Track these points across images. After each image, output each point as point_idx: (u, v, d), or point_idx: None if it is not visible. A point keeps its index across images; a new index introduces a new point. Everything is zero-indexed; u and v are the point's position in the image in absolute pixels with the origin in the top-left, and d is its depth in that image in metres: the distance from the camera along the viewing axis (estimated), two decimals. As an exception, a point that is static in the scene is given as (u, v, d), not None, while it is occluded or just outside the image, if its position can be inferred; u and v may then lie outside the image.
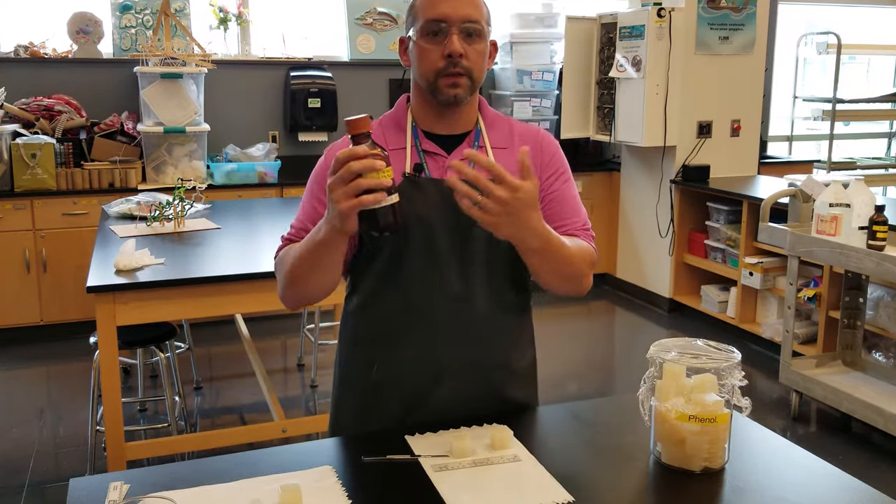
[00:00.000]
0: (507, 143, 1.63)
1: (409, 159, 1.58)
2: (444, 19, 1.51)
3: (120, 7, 5.10)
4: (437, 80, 1.53)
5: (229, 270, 2.79)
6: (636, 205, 5.63)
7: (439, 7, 1.52)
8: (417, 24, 1.55)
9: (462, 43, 1.51)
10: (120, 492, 1.32)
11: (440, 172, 1.58)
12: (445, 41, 1.51)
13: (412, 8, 1.59)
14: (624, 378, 4.43)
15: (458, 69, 1.51)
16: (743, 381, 1.38)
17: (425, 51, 1.53)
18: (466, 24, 1.51)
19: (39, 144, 4.63)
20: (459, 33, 1.51)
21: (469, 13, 1.52)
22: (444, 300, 1.57)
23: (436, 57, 1.52)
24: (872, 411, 3.36)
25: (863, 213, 3.34)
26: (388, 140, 1.60)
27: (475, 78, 1.55)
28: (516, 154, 1.49)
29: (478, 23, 1.53)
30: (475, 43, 1.53)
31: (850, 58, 7.49)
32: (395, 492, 1.35)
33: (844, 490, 1.37)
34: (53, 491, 3.11)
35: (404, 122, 1.62)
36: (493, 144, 1.61)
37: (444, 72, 1.52)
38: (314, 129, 5.41)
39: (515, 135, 1.65)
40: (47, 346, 4.67)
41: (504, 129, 1.65)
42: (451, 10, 1.51)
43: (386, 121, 1.65)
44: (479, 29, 1.53)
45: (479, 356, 1.61)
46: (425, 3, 1.54)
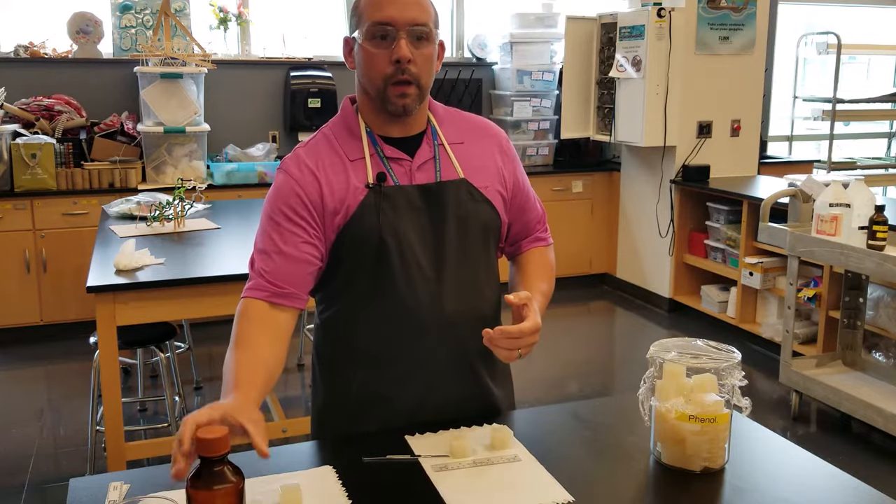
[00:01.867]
0: (462, 136, 1.62)
1: (370, 169, 1.52)
2: (391, 22, 1.45)
3: (120, 7, 5.09)
4: (385, 89, 1.48)
5: (229, 270, 2.79)
6: (636, 205, 5.63)
7: (385, 9, 1.46)
8: (363, 27, 1.48)
9: (410, 47, 1.46)
10: (120, 492, 1.32)
11: (407, 178, 1.54)
12: (393, 46, 1.46)
13: (356, 8, 1.52)
14: (624, 378, 4.43)
15: (406, 76, 1.47)
16: (743, 381, 1.38)
17: (372, 55, 1.48)
18: (414, 27, 1.46)
19: (39, 144, 4.63)
20: (407, 37, 1.46)
21: (416, 16, 1.47)
22: (423, 308, 1.53)
23: (383, 63, 1.47)
24: (872, 411, 3.36)
25: (863, 213, 3.34)
26: (346, 150, 1.54)
27: (423, 84, 1.51)
28: (474, 149, 1.61)
29: (426, 25, 1.47)
30: (423, 47, 1.48)
31: (850, 58, 7.49)
32: (395, 492, 1.35)
33: (844, 490, 1.37)
34: (53, 491, 3.11)
35: (357, 128, 1.56)
36: (449, 140, 1.60)
37: (393, 79, 1.47)
38: (314, 129, 5.38)
39: (464, 128, 1.64)
40: (47, 346, 4.67)
41: (456, 124, 1.64)
42: (397, 12, 1.45)
43: (336, 129, 1.58)
44: (427, 32, 1.48)
45: (461, 358, 1.60)
46: (370, 4, 1.48)
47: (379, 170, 1.53)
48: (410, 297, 1.53)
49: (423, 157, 1.56)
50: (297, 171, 1.52)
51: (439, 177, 1.56)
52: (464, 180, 1.57)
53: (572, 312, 5.50)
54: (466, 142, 1.62)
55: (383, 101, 1.50)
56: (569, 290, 5.66)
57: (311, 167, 1.52)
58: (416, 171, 1.55)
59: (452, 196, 1.55)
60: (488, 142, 1.65)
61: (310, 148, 1.56)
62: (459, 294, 1.57)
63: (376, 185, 1.51)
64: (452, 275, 1.56)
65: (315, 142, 1.57)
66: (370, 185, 1.51)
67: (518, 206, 1.67)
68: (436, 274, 1.54)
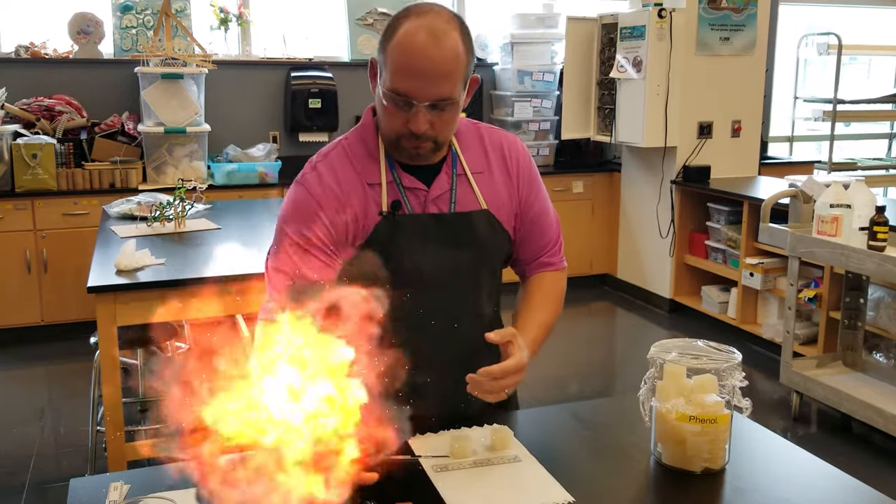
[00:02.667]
0: (484, 165, 1.57)
1: (385, 196, 1.49)
2: (410, 96, 1.39)
3: (121, 7, 5.10)
4: (398, 141, 1.45)
5: (230, 271, 2.79)
6: (637, 205, 5.63)
7: (408, 81, 1.37)
8: (385, 77, 1.41)
9: (429, 116, 1.41)
10: (120, 492, 1.32)
11: (421, 207, 1.51)
12: (411, 112, 1.40)
13: (385, 45, 1.41)
14: (624, 379, 4.43)
15: (419, 140, 1.43)
16: (743, 382, 1.38)
17: (388, 113, 1.43)
18: (436, 101, 1.40)
19: (40, 145, 4.63)
20: (427, 109, 1.40)
21: (439, 93, 1.39)
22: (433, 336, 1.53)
23: (398, 122, 1.42)
24: (873, 412, 3.36)
25: (863, 213, 3.33)
26: (365, 174, 1.50)
27: (441, 142, 1.47)
28: (496, 176, 1.55)
29: (449, 98, 1.40)
30: (445, 112, 1.42)
31: (851, 58, 7.48)
32: (396, 492, 1.34)
33: (845, 491, 1.37)
34: (54, 491, 3.10)
35: (376, 151, 1.52)
36: (472, 170, 1.55)
37: (406, 135, 1.43)
38: (315, 129, 5.41)
39: (488, 151, 1.59)
40: (48, 347, 4.67)
41: (477, 147, 1.58)
42: (419, 90, 1.38)
43: (354, 146, 1.53)
44: (450, 102, 1.41)
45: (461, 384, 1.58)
46: (397, 63, 1.38)
47: (395, 197, 1.49)
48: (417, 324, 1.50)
49: (440, 188, 1.52)
50: (320, 191, 1.48)
51: (453, 208, 1.52)
52: (486, 211, 1.54)
53: (573, 313, 5.50)
54: (486, 170, 1.57)
55: (396, 150, 1.48)
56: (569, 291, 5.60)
57: (333, 188, 1.48)
58: (430, 202, 1.52)
59: (471, 227, 1.53)
60: (506, 163, 1.59)
61: (330, 165, 1.51)
62: (469, 318, 1.57)
63: (390, 213, 1.48)
64: (458, 306, 1.55)
65: (335, 157, 1.53)
66: (384, 214, 1.48)
67: (526, 231, 1.63)
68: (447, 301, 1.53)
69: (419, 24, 1.38)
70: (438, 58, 1.37)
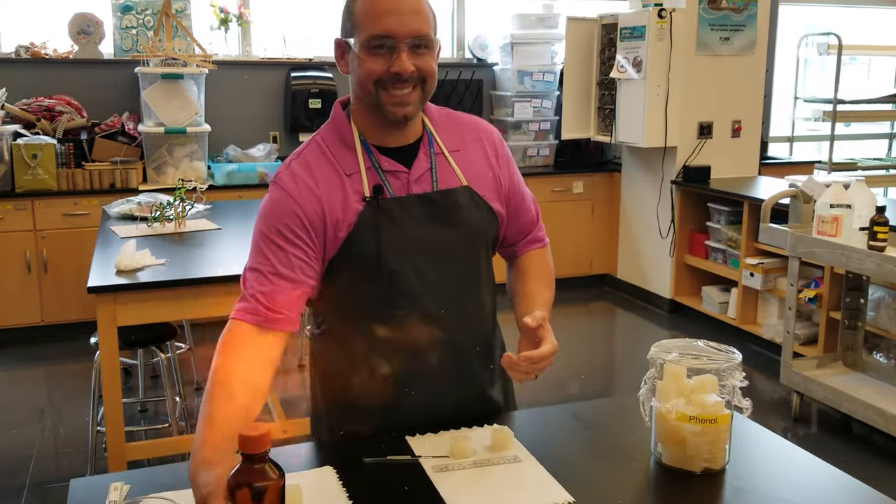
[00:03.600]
0: (459, 142, 1.58)
1: (366, 182, 1.48)
2: (391, 34, 1.38)
3: (121, 8, 5.10)
4: (379, 96, 1.43)
5: (230, 271, 2.79)
6: (637, 205, 5.63)
7: (384, 21, 1.38)
8: (359, 36, 1.41)
9: (410, 59, 1.40)
10: (120, 492, 1.32)
11: (404, 189, 1.50)
12: (393, 57, 1.40)
13: (350, 13, 1.44)
14: (624, 379, 4.43)
15: (406, 83, 1.42)
16: (743, 382, 1.38)
17: (369, 64, 1.41)
18: (416, 37, 1.40)
19: (40, 145, 4.63)
20: (408, 49, 1.40)
21: (418, 26, 1.40)
22: (424, 319, 1.52)
23: (381, 71, 1.41)
24: (873, 412, 3.36)
25: (864, 213, 3.33)
26: (341, 163, 1.48)
27: (427, 89, 1.46)
28: (471, 154, 1.57)
29: (427, 35, 1.41)
30: (424, 56, 1.42)
31: (851, 59, 7.48)
32: (396, 492, 1.35)
33: (845, 491, 1.37)
34: (54, 491, 3.10)
35: (350, 138, 1.50)
36: (448, 148, 1.55)
37: (391, 83, 1.41)
38: (315, 129, 5.38)
39: (462, 131, 1.60)
40: (48, 347, 4.67)
41: (451, 128, 1.59)
42: (397, 25, 1.38)
43: (329, 138, 1.52)
44: (428, 40, 1.42)
45: (461, 365, 1.59)
46: (366, 12, 1.40)
47: (375, 182, 1.48)
48: (411, 307, 1.50)
49: (420, 168, 1.51)
50: (294, 187, 1.45)
51: (436, 186, 1.52)
52: (467, 188, 1.54)
53: (573, 313, 5.50)
54: (463, 148, 1.57)
55: (379, 109, 1.45)
56: (569, 291, 5.65)
57: (308, 184, 1.46)
58: (413, 182, 1.50)
59: (456, 204, 1.52)
60: (482, 145, 1.60)
61: (304, 161, 1.50)
62: (461, 303, 1.56)
63: (373, 198, 1.46)
64: (455, 284, 1.55)
65: (308, 153, 1.51)
66: (367, 199, 1.46)
67: (513, 210, 1.64)
68: (438, 284, 1.52)
69: None
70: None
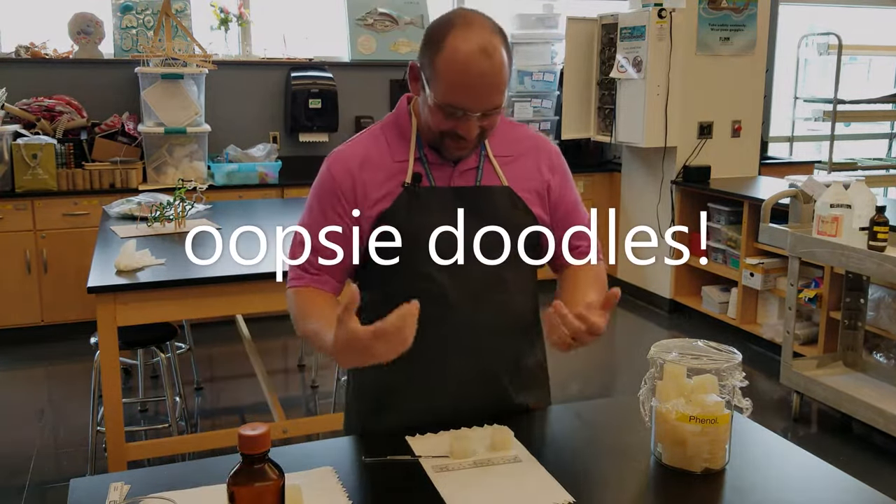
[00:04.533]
0: (511, 150, 1.61)
1: (410, 170, 1.55)
2: (464, 109, 1.43)
3: (121, 8, 5.10)
4: (443, 140, 1.50)
5: (230, 271, 2.79)
6: (637, 205, 5.63)
7: (462, 97, 1.42)
8: (434, 91, 1.44)
9: (478, 122, 1.45)
10: (120, 492, 1.32)
11: (446, 181, 1.56)
12: (461, 119, 1.45)
13: (432, 59, 1.43)
14: (624, 379, 4.43)
15: (465, 142, 1.48)
16: (744, 382, 1.38)
17: (438, 119, 1.47)
18: (488, 110, 1.45)
19: (40, 145, 4.63)
20: (477, 118, 1.45)
21: (492, 103, 1.44)
22: (446, 311, 1.54)
23: (446, 126, 1.47)
24: (873, 412, 3.36)
25: (863, 213, 3.34)
26: (394, 151, 1.57)
27: (487, 136, 1.52)
28: (521, 162, 1.60)
29: (498, 107, 1.46)
30: (492, 118, 1.47)
31: (851, 59, 7.48)
32: (396, 492, 1.35)
33: (845, 491, 1.37)
34: (54, 491, 3.11)
35: (408, 130, 1.58)
36: (496, 153, 1.59)
37: (452, 136, 1.47)
38: (315, 129, 5.41)
39: (519, 139, 1.63)
40: (48, 347, 4.67)
41: (507, 137, 1.62)
42: (473, 102, 1.42)
43: (388, 127, 1.60)
44: (498, 110, 1.47)
45: (489, 363, 1.60)
46: (448, 78, 1.41)
47: (418, 171, 1.55)
48: (433, 297, 1.53)
49: (466, 164, 1.57)
50: (338, 170, 1.56)
51: (479, 183, 1.57)
52: (507, 188, 1.57)
53: (573, 313, 5.49)
54: (515, 155, 1.61)
55: (438, 146, 1.53)
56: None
57: (351, 169, 1.55)
58: (456, 175, 1.56)
59: (492, 201, 1.56)
60: (537, 155, 1.63)
61: (358, 141, 1.60)
62: (486, 301, 1.57)
63: (411, 185, 1.53)
64: (480, 281, 1.56)
65: (365, 136, 1.61)
66: (406, 185, 1.53)
67: (560, 218, 1.65)
68: (462, 279, 1.54)
69: (467, 38, 1.40)
70: (491, 72, 1.41)
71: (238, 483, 1.03)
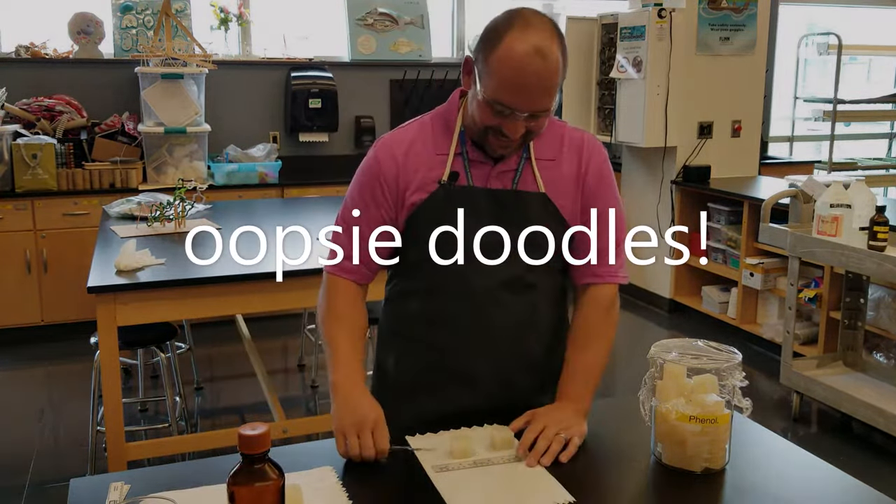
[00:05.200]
0: (555, 153, 1.58)
1: (450, 165, 1.55)
2: (513, 108, 1.42)
3: (121, 7, 5.10)
4: (486, 136, 1.49)
5: (230, 271, 2.79)
6: (637, 205, 5.63)
7: (512, 96, 1.41)
8: (485, 87, 1.43)
9: (525, 123, 1.44)
10: (120, 492, 1.32)
11: (483, 181, 1.55)
12: (509, 118, 1.43)
13: (487, 54, 1.42)
14: (624, 379, 4.43)
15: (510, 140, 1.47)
16: (743, 382, 1.38)
17: (486, 115, 1.45)
18: (536, 112, 1.44)
19: (40, 145, 4.63)
20: (525, 119, 1.44)
21: (541, 105, 1.43)
22: (468, 312, 1.57)
23: (493, 123, 1.45)
24: (873, 412, 3.36)
25: (863, 213, 3.33)
26: (437, 142, 1.56)
27: (533, 138, 1.51)
28: (563, 167, 1.58)
29: (547, 109, 1.45)
30: (539, 119, 1.46)
31: (851, 58, 7.48)
32: (396, 492, 1.35)
33: (845, 491, 1.37)
34: (54, 491, 3.10)
35: (454, 123, 1.58)
36: (538, 156, 1.57)
37: (497, 134, 1.46)
38: (315, 129, 5.41)
39: (564, 145, 1.59)
40: (48, 347, 4.67)
41: (553, 139, 1.59)
42: (523, 102, 1.41)
43: (436, 119, 1.60)
44: (546, 112, 1.45)
45: (512, 363, 1.61)
46: (501, 74, 1.40)
47: (456, 168, 1.55)
48: (457, 297, 1.56)
49: (505, 165, 1.55)
50: (384, 156, 1.57)
51: (515, 186, 1.55)
52: (543, 195, 1.56)
53: (573, 313, 5.49)
54: (558, 158, 1.58)
55: (482, 141, 1.52)
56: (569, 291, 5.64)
57: (396, 156, 1.56)
58: (493, 176, 1.55)
59: (524, 206, 1.55)
60: (580, 157, 1.59)
61: (403, 132, 1.61)
62: (508, 306, 1.57)
63: (448, 182, 1.54)
64: (504, 285, 1.56)
65: (412, 127, 1.62)
66: (441, 182, 1.54)
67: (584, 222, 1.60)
68: (487, 281, 1.55)
69: (524, 39, 1.39)
70: (545, 74, 1.40)
71: (238, 483, 1.03)
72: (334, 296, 1.61)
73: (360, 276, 1.61)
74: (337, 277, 1.61)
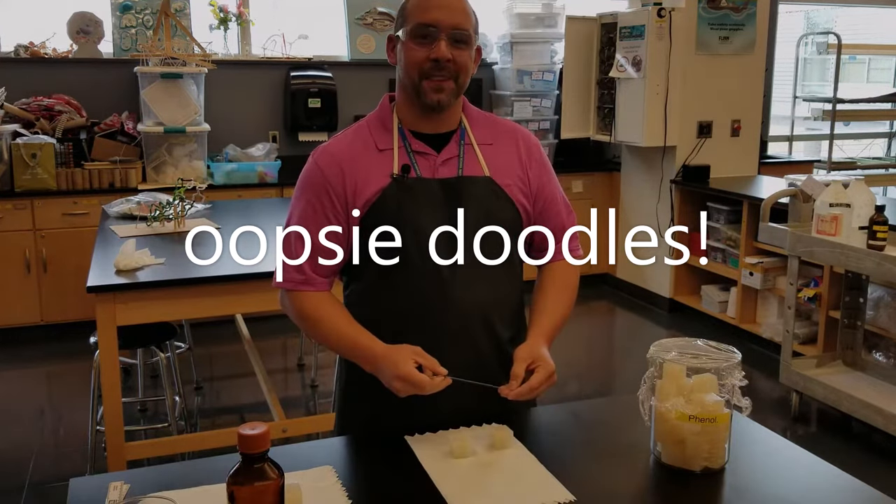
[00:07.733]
0: (493, 138, 1.67)
1: (396, 160, 1.59)
2: (435, 24, 1.53)
3: (120, 7, 5.10)
4: (421, 83, 1.55)
5: (230, 271, 2.79)
6: (636, 205, 5.63)
7: (431, 13, 1.54)
8: (407, 26, 1.56)
9: (450, 49, 1.54)
10: (120, 492, 1.32)
11: (431, 171, 1.60)
12: (433, 45, 1.54)
13: (403, 9, 1.60)
14: (624, 378, 4.43)
15: (443, 73, 1.54)
16: (743, 381, 1.38)
17: (412, 52, 1.55)
18: (455, 30, 1.54)
19: (40, 144, 4.63)
20: (448, 39, 1.54)
21: (459, 21, 1.55)
22: (434, 300, 1.57)
23: (422, 59, 1.55)
24: (872, 411, 3.36)
25: (863, 213, 3.34)
26: (377, 140, 1.62)
27: (461, 82, 1.58)
28: (502, 149, 1.67)
29: (466, 31, 1.56)
30: (462, 50, 1.56)
31: (851, 58, 7.49)
32: (396, 492, 1.35)
33: (844, 490, 1.37)
34: (54, 491, 3.11)
35: (390, 122, 1.64)
36: (479, 141, 1.65)
37: (429, 74, 1.55)
38: (314, 129, 5.41)
39: (499, 131, 1.69)
40: (47, 346, 4.67)
41: (488, 126, 1.69)
42: (442, 16, 1.54)
43: (372, 121, 1.66)
44: (467, 36, 1.56)
45: (480, 354, 1.61)
46: (417, 6, 1.56)
47: (405, 162, 1.59)
48: (422, 287, 1.57)
49: (448, 153, 1.62)
50: (325, 163, 1.60)
51: (461, 172, 1.61)
52: (488, 178, 1.62)
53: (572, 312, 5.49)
54: (495, 143, 1.67)
55: (418, 94, 1.56)
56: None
57: (338, 159, 1.59)
58: (439, 165, 1.60)
59: (474, 191, 1.60)
60: (517, 144, 1.69)
61: (342, 137, 1.65)
62: (473, 290, 1.59)
63: (400, 175, 1.57)
64: (467, 270, 1.59)
65: (350, 131, 1.66)
66: (394, 176, 1.57)
67: (539, 211, 1.70)
68: (449, 268, 1.58)
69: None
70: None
71: (238, 482, 1.03)
72: (310, 310, 1.61)
73: (322, 285, 1.62)
74: (300, 293, 1.61)
